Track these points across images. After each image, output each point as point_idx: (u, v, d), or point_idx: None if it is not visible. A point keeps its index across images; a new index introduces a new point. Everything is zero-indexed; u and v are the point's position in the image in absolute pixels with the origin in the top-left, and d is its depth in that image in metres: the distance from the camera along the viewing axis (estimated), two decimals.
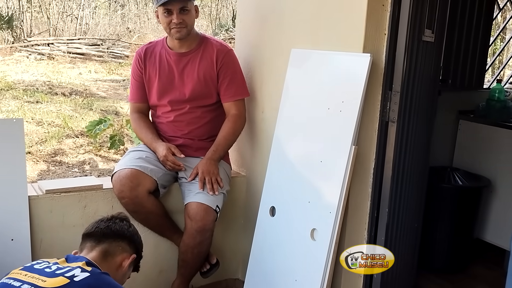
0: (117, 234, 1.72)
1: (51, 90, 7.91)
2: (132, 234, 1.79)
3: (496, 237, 3.13)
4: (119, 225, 1.76)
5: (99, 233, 1.70)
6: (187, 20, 2.30)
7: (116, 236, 1.72)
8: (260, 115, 2.55)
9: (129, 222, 1.84)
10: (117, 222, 1.77)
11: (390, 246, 2.10)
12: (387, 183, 2.06)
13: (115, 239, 1.71)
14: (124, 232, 1.75)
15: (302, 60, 2.25)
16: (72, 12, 15.51)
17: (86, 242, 1.69)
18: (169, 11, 2.27)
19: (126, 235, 1.75)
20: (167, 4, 2.25)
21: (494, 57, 5.01)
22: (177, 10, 2.26)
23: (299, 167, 2.19)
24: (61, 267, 1.50)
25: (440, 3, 2.15)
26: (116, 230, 1.73)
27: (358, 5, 1.94)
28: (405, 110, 2.04)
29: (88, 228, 1.75)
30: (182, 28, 2.30)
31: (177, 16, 2.27)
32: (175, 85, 2.41)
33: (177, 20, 2.27)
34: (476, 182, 3.05)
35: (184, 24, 2.29)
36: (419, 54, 2.06)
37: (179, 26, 2.29)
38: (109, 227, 1.73)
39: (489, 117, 3.20)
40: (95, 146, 5.16)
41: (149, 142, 2.41)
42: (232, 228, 2.67)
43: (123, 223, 1.79)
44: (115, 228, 1.74)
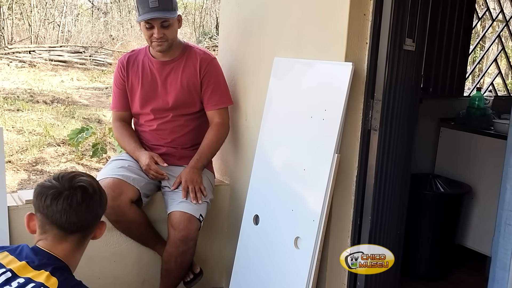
0: (92, 221, 1.48)
1: (32, 98, 7.83)
2: (102, 207, 1.52)
3: (477, 243, 3.16)
4: (92, 208, 1.45)
5: (71, 226, 1.42)
6: (168, 34, 2.29)
7: (91, 224, 1.48)
8: (244, 123, 2.56)
9: (90, 197, 1.45)
10: (90, 205, 1.44)
11: None
12: (370, 191, 2.08)
13: (90, 226, 1.48)
14: (98, 214, 1.50)
15: (284, 68, 2.26)
16: (54, 20, 15.37)
17: (53, 229, 1.41)
18: (151, 25, 2.27)
19: (99, 216, 1.51)
20: (148, 19, 2.25)
21: (474, 65, 5.10)
22: (158, 24, 2.26)
23: (283, 175, 2.20)
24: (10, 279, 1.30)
25: (421, 12, 2.18)
26: (91, 218, 1.47)
27: (340, 14, 1.96)
28: (387, 118, 2.05)
29: (52, 210, 1.40)
30: (163, 42, 2.30)
31: (158, 30, 2.26)
32: (158, 93, 2.40)
33: (158, 35, 2.27)
34: (457, 189, 3.09)
35: (165, 38, 2.29)
36: (400, 62, 2.08)
37: (160, 40, 2.28)
38: (83, 216, 1.43)
39: (470, 124, 3.25)
40: (77, 154, 5.11)
41: (131, 151, 2.40)
42: (216, 237, 2.66)
43: (92, 200, 1.45)
44: (91, 215, 1.46)
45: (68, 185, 1.42)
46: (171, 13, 2.26)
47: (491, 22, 4.10)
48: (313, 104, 2.08)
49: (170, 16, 2.26)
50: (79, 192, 1.42)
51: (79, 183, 1.44)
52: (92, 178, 1.52)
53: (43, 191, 1.42)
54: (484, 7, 4.04)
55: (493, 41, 4.30)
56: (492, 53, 6.13)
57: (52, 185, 1.42)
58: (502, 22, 4.13)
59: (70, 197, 1.40)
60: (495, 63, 4.30)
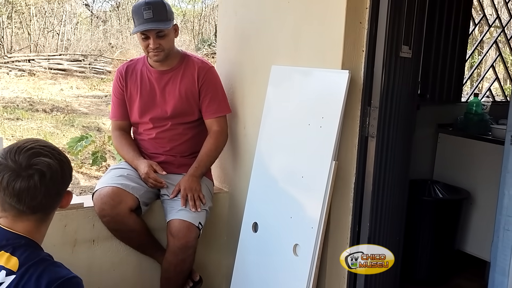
0: (54, 200, 1.40)
1: (32, 107, 7.85)
2: (65, 182, 1.43)
3: (476, 249, 3.16)
4: (51, 189, 1.37)
5: (30, 209, 1.35)
6: (164, 45, 2.31)
7: (53, 202, 1.40)
8: (242, 131, 2.57)
9: (52, 173, 1.36)
10: (50, 186, 1.35)
11: None
12: (368, 197, 2.08)
13: (52, 204, 1.41)
14: (60, 192, 1.42)
15: (282, 76, 2.27)
16: (54, 28, 15.43)
17: (12, 209, 1.35)
18: (146, 36, 2.29)
19: (62, 192, 1.43)
20: (143, 31, 2.27)
21: (471, 71, 5.12)
22: (154, 35, 2.28)
23: (281, 183, 2.21)
24: None
25: (417, 20, 2.19)
26: (51, 198, 1.39)
27: (336, 22, 1.97)
28: (384, 125, 2.06)
29: (9, 192, 1.32)
30: (160, 52, 2.31)
31: (153, 41, 2.28)
32: (157, 102, 2.41)
33: (154, 46, 2.29)
34: (456, 195, 3.10)
35: (161, 48, 2.31)
36: (397, 70, 2.09)
37: (156, 50, 2.30)
38: (43, 198, 1.35)
39: (467, 130, 3.26)
40: (77, 163, 5.12)
41: (130, 159, 2.41)
42: (215, 244, 2.66)
43: (52, 181, 1.36)
44: (51, 196, 1.38)
45: (26, 164, 1.32)
46: (165, 24, 2.28)
47: (487, 28, 4.11)
48: (311, 111, 2.09)
49: (164, 27, 2.27)
50: (36, 175, 1.32)
51: (36, 166, 1.33)
52: (52, 154, 1.39)
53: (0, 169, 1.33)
54: (481, 13, 4.06)
55: (490, 47, 4.32)
56: (490, 58, 6.15)
57: (7, 164, 1.32)
58: (499, 27, 4.15)
59: (27, 180, 1.31)
60: (492, 68, 4.31)
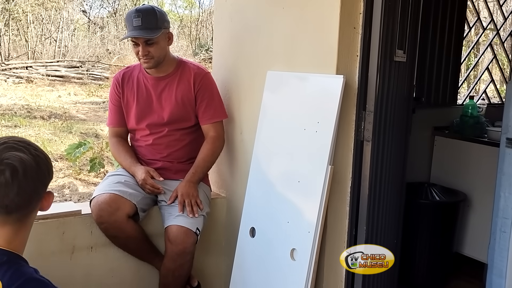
0: (30, 199, 1.30)
1: (30, 114, 7.86)
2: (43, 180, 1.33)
3: (474, 251, 3.17)
4: (26, 186, 1.27)
5: (3, 208, 1.26)
6: (153, 52, 2.31)
7: (30, 201, 1.30)
8: (239, 136, 2.58)
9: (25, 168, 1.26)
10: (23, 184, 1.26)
11: None
12: (364, 201, 2.09)
13: (30, 204, 1.31)
14: (37, 189, 1.32)
15: (277, 81, 2.29)
16: (51, 35, 15.47)
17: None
18: (136, 43, 2.31)
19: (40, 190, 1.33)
20: (132, 37, 2.29)
21: (467, 73, 5.15)
22: (143, 43, 2.29)
23: (278, 188, 2.22)
24: None
25: (411, 24, 2.21)
26: (27, 196, 1.29)
27: (330, 28, 1.99)
28: (379, 129, 2.08)
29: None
30: (149, 59, 2.32)
31: (142, 48, 2.29)
32: (153, 108, 2.42)
33: (143, 53, 2.30)
34: (453, 197, 3.11)
35: (151, 55, 2.31)
36: (391, 74, 2.11)
37: (145, 58, 2.31)
38: (16, 196, 1.26)
39: (463, 132, 3.28)
40: (75, 169, 5.13)
41: (127, 166, 2.41)
42: (213, 250, 2.66)
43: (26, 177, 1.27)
44: (26, 194, 1.28)
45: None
46: (153, 32, 2.28)
47: (482, 30, 4.14)
48: (306, 116, 2.10)
49: (151, 35, 2.27)
50: (7, 170, 1.24)
51: (6, 160, 1.25)
52: (26, 148, 1.30)
53: None
54: (476, 16, 4.09)
55: (485, 50, 4.34)
56: (486, 60, 6.19)
57: None
58: (493, 30, 4.18)
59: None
60: (488, 71, 4.34)
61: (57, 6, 15.52)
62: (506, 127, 2.27)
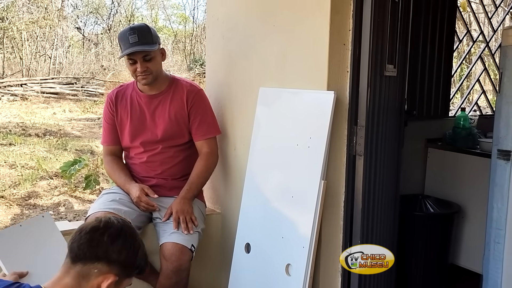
0: (92, 255, 1.44)
1: (25, 132, 7.85)
2: (111, 252, 1.47)
3: (470, 262, 3.18)
4: (97, 241, 1.45)
5: (75, 252, 1.44)
6: (151, 67, 2.34)
7: (90, 257, 1.44)
8: (233, 152, 2.59)
9: (113, 234, 1.48)
10: (95, 238, 1.46)
11: (366, 277, 2.13)
12: (358, 215, 2.10)
13: (89, 260, 1.44)
14: (98, 252, 1.45)
15: (270, 98, 2.31)
16: (45, 52, 15.52)
17: (66, 258, 1.46)
18: (134, 60, 2.32)
19: (100, 256, 1.45)
20: (130, 55, 2.31)
21: (458, 85, 5.20)
22: (141, 59, 2.31)
23: (272, 203, 2.23)
24: None
25: (400, 39, 2.25)
26: (91, 251, 1.44)
27: (321, 45, 2.02)
28: (371, 143, 2.10)
29: (71, 238, 1.48)
30: (148, 75, 2.35)
31: (141, 64, 2.32)
32: (147, 126, 2.44)
33: (141, 69, 2.32)
34: (447, 209, 3.12)
35: (149, 71, 2.34)
36: (382, 88, 2.14)
37: (144, 74, 2.33)
38: (85, 244, 1.44)
39: (456, 144, 3.30)
40: (70, 187, 5.11)
41: (122, 184, 2.42)
42: (209, 266, 2.66)
43: (103, 237, 1.46)
44: (92, 245, 1.45)
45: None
46: (151, 46, 2.32)
47: (472, 43, 4.19)
48: (298, 132, 2.12)
49: (150, 49, 2.31)
50: (94, 223, 1.48)
51: (105, 218, 1.51)
52: (122, 223, 1.53)
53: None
54: (465, 29, 4.14)
55: (475, 62, 4.39)
56: (479, 70, 6.25)
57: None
58: (483, 42, 4.23)
59: (86, 226, 1.48)
60: (478, 82, 4.39)
61: (51, 24, 15.59)
62: (497, 138, 2.29)
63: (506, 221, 2.26)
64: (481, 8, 4.39)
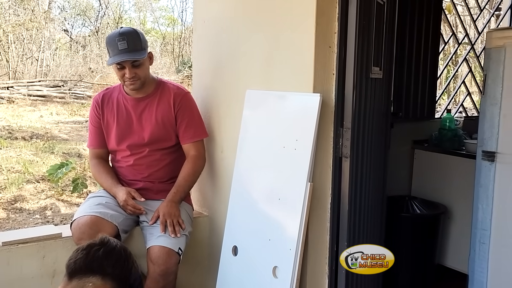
0: (87, 268, 1.48)
1: (11, 135, 7.76)
2: (105, 265, 1.51)
3: (456, 262, 3.21)
4: (92, 255, 1.50)
5: (71, 268, 1.49)
6: (139, 73, 2.34)
7: (86, 271, 1.48)
8: (220, 154, 2.59)
9: (108, 250, 1.54)
10: (91, 253, 1.51)
11: (352, 279, 2.14)
12: (345, 217, 2.11)
13: (85, 274, 1.48)
14: (93, 266, 1.49)
15: (256, 100, 2.31)
16: (32, 55, 15.37)
17: (63, 277, 1.50)
18: (122, 66, 2.31)
19: (95, 269, 1.49)
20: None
21: (445, 85, 5.25)
22: (129, 65, 2.30)
23: (259, 205, 2.23)
24: None
25: (386, 41, 2.26)
26: (86, 264, 1.49)
27: (306, 47, 2.02)
28: (357, 145, 2.11)
29: (68, 258, 1.53)
30: (136, 81, 2.34)
31: (129, 71, 2.31)
32: (134, 129, 2.43)
33: (130, 75, 2.31)
34: (433, 210, 3.15)
35: (137, 77, 2.33)
36: (368, 91, 2.15)
37: (132, 80, 2.33)
38: (81, 259, 1.49)
39: (442, 145, 3.33)
40: (57, 190, 5.07)
41: (108, 187, 2.41)
42: (196, 269, 2.66)
43: (98, 252, 1.51)
44: (87, 258, 1.49)
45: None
46: (140, 54, 2.31)
47: (457, 45, 4.23)
48: (285, 134, 2.13)
49: (140, 57, 2.30)
50: (90, 241, 1.54)
51: (102, 237, 1.56)
52: (118, 242, 1.59)
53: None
54: (450, 32, 4.18)
55: (460, 64, 4.44)
56: (465, 72, 6.32)
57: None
58: (468, 44, 4.27)
59: (83, 244, 1.53)
60: (464, 84, 4.43)
61: (38, 26, 15.46)
62: (481, 140, 2.32)
63: (491, 221, 2.28)
64: (467, 10, 4.43)
